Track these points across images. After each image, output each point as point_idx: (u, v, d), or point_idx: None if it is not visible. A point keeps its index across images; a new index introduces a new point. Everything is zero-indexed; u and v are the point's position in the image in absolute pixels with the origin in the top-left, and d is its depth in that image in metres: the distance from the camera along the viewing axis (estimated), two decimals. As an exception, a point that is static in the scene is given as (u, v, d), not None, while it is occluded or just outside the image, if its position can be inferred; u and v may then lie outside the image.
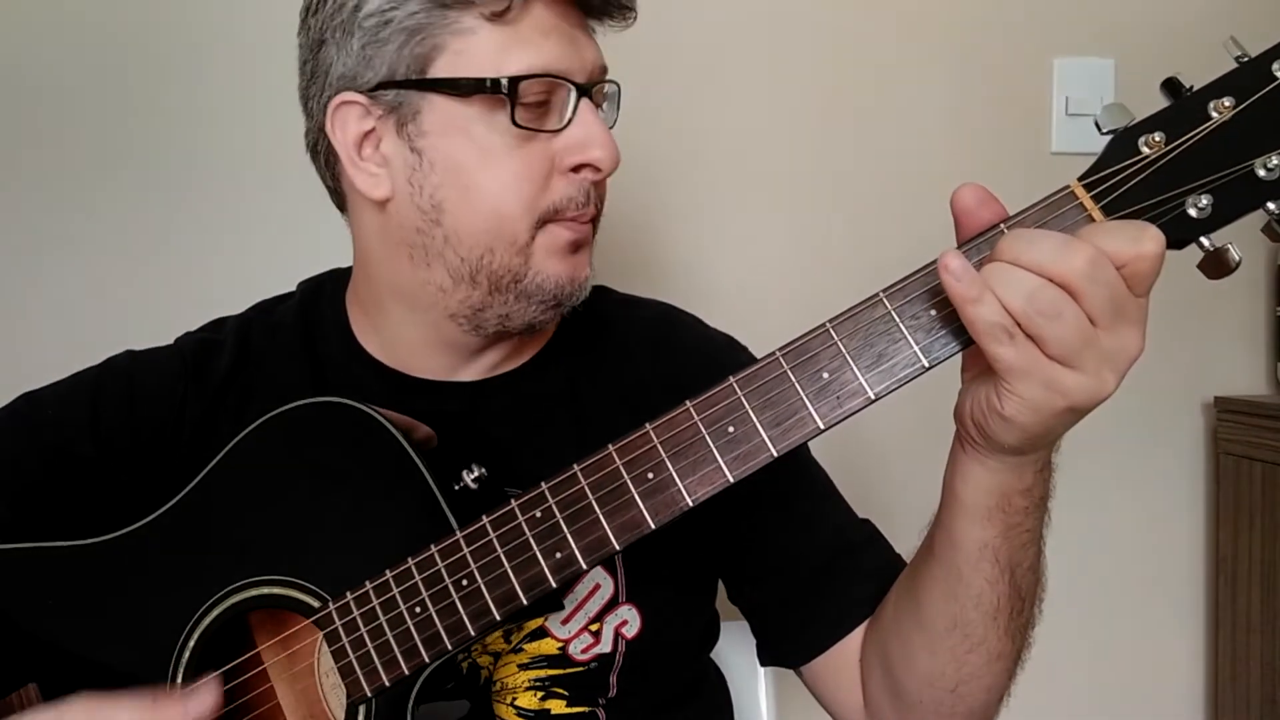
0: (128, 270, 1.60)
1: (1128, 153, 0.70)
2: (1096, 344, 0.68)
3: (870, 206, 1.75)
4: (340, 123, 0.95)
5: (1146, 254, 0.67)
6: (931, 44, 1.76)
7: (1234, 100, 0.68)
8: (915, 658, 0.92)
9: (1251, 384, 1.88)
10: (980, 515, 0.81)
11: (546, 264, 0.95)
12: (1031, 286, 0.67)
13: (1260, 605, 1.75)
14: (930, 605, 0.89)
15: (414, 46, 0.90)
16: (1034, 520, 0.83)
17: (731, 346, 1.13)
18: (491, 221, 0.92)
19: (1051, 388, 0.69)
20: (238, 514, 0.92)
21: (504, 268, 0.94)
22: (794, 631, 1.05)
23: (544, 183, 0.93)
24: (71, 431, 1.02)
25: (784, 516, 1.04)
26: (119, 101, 1.59)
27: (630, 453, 0.79)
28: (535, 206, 0.93)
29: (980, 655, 0.88)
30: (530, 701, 1.00)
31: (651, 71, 1.64)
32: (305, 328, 1.07)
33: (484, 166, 0.92)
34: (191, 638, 0.91)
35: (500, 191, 0.92)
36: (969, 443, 0.79)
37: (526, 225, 0.93)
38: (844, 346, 0.74)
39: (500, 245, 0.93)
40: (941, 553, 0.86)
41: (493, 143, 0.92)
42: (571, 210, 0.94)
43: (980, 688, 0.91)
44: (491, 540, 0.83)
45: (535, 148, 0.92)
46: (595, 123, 0.93)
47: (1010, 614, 0.87)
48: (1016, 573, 0.85)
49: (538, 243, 0.94)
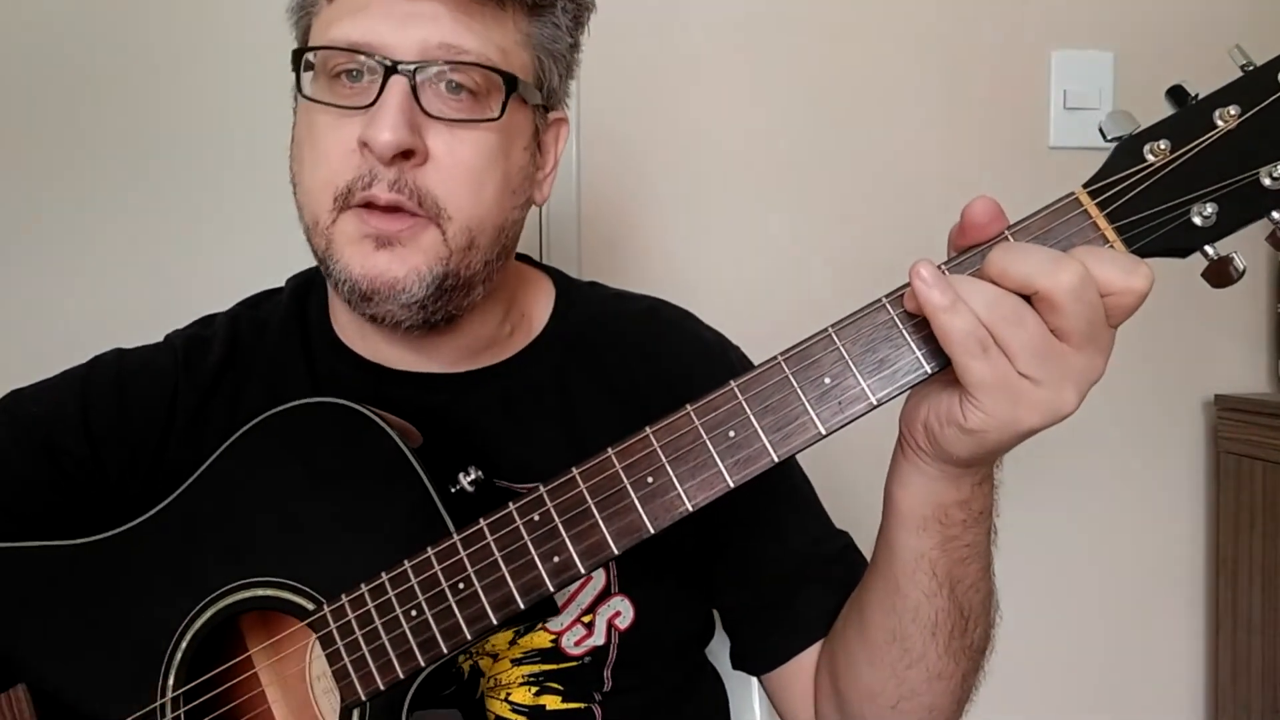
0: (114, 269, 1.59)
1: (1133, 160, 0.70)
2: (1064, 359, 0.69)
3: (865, 201, 1.75)
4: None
5: (1136, 289, 0.68)
6: (927, 36, 1.75)
7: (1239, 109, 0.68)
8: (857, 671, 0.92)
9: (1252, 382, 1.88)
10: (916, 524, 0.82)
11: (344, 252, 0.91)
12: (992, 294, 0.68)
13: (1261, 605, 1.75)
14: (871, 617, 0.89)
15: (298, 29, 0.97)
16: (973, 534, 0.83)
17: (721, 345, 1.12)
18: (305, 196, 0.93)
19: (1019, 403, 0.70)
20: (231, 515, 0.92)
21: (319, 249, 0.93)
22: (758, 639, 1.05)
23: (343, 160, 0.90)
24: (61, 429, 1.01)
25: (758, 523, 1.04)
26: (103, 100, 1.58)
27: (630, 456, 0.79)
28: (329, 184, 0.90)
29: (919, 672, 0.88)
30: (525, 697, 1.00)
31: (644, 64, 1.64)
32: (295, 323, 1.07)
33: (307, 138, 0.93)
34: (183, 640, 0.91)
35: (313, 164, 0.92)
36: (912, 448, 0.79)
37: (326, 206, 0.91)
38: (846, 351, 0.74)
39: (312, 223, 0.93)
40: (881, 563, 0.86)
41: (314, 115, 0.92)
42: (358, 190, 0.89)
43: (920, 706, 0.91)
44: (489, 544, 0.82)
45: (344, 124, 0.90)
46: (386, 102, 0.87)
47: (951, 632, 0.86)
48: (957, 589, 0.85)
49: (337, 228, 0.91)
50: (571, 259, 1.68)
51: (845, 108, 1.74)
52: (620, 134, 1.68)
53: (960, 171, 1.74)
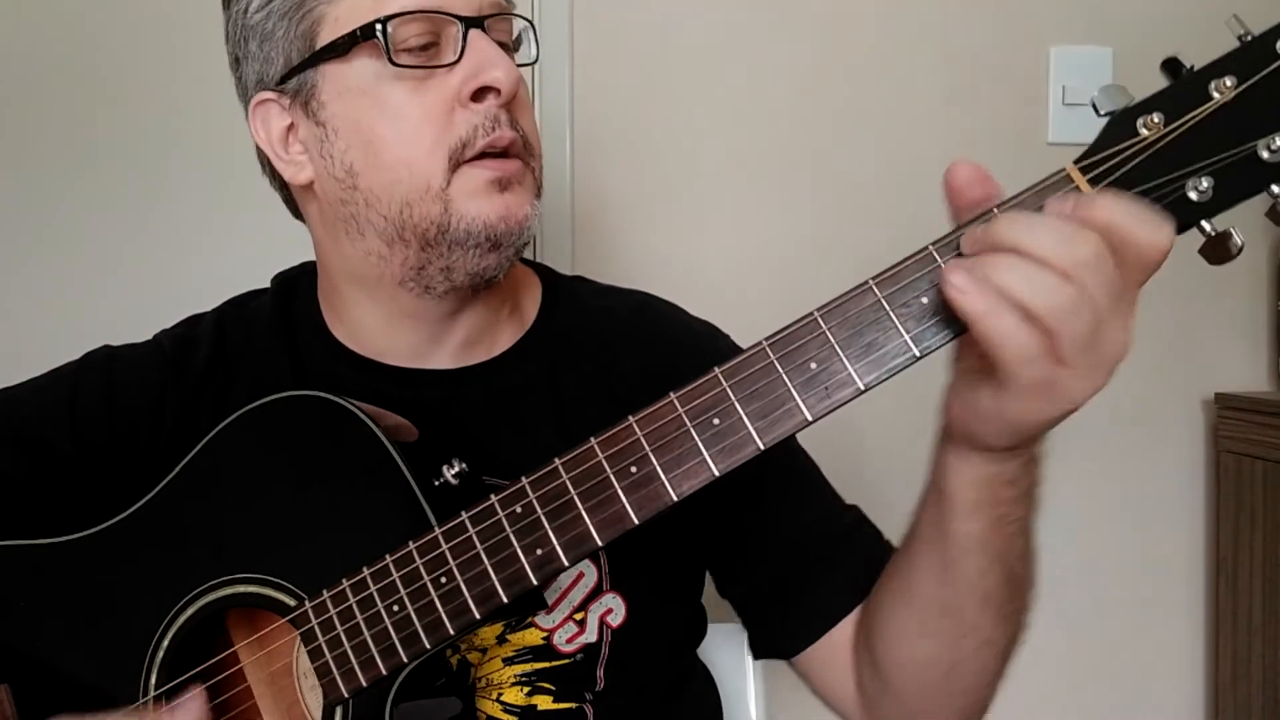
0: (102, 268, 1.59)
1: (1126, 134, 0.68)
2: (1100, 337, 0.66)
3: (862, 197, 1.73)
4: (261, 122, 0.97)
5: (1162, 244, 0.65)
6: (925, 30, 1.74)
7: (1236, 80, 0.66)
8: (908, 643, 0.91)
9: (1252, 380, 1.87)
10: (967, 509, 0.80)
11: (469, 206, 0.91)
12: (1049, 283, 0.64)
13: (1262, 606, 1.74)
14: (922, 591, 0.88)
15: (297, 26, 0.92)
16: (1023, 509, 0.82)
17: (712, 335, 1.11)
18: (401, 172, 0.91)
19: (1060, 394, 0.68)
20: (213, 510, 0.91)
21: (425, 219, 0.92)
22: (784, 621, 1.03)
23: (446, 120, 0.91)
24: (49, 428, 1.01)
25: (770, 504, 1.03)
26: (91, 98, 1.58)
27: (613, 446, 0.77)
28: (441, 145, 0.91)
29: (972, 640, 0.88)
30: (516, 697, 0.99)
31: (639, 59, 1.63)
32: (281, 321, 1.06)
33: (381, 118, 0.91)
34: (166, 637, 0.90)
35: (402, 139, 0.91)
36: (953, 439, 0.78)
37: (439, 169, 0.91)
38: (832, 336, 0.72)
39: (416, 196, 0.91)
40: (931, 542, 0.85)
41: (384, 92, 0.91)
42: (480, 138, 0.91)
43: (971, 672, 0.90)
44: (471, 537, 0.81)
45: (432, 88, 0.91)
46: (488, 47, 0.91)
47: (1002, 601, 0.85)
48: (1007, 561, 0.84)
49: (455, 187, 0.91)
50: (565, 256, 1.68)
51: (842, 103, 1.73)
52: (615, 130, 1.67)
53: (959, 167, 1.73)
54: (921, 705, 0.94)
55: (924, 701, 0.93)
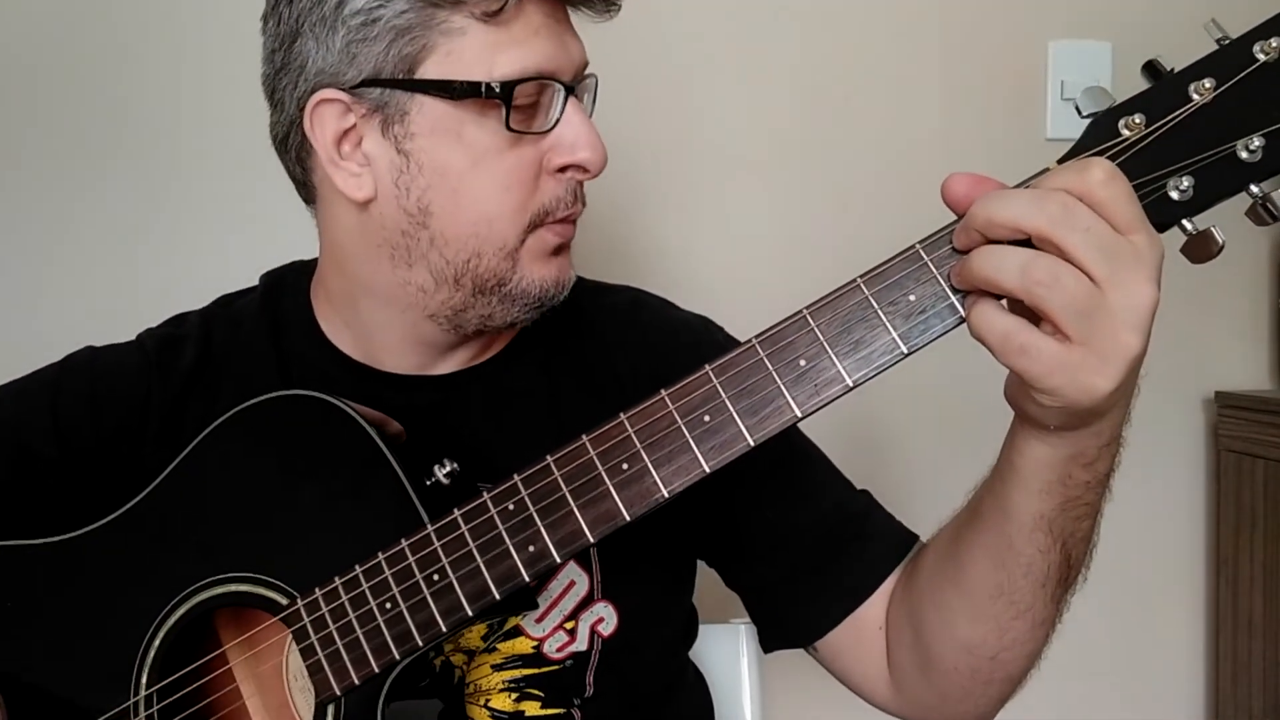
0: (88, 266, 1.58)
1: (1107, 135, 0.69)
2: (1104, 304, 0.65)
3: (860, 193, 1.73)
4: (319, 120, 0.92)
5: (1095, 180, 0.65)
6: (923, 25, 1.74)
7: (1215, 82, 0.67)
8: (954, 625, 0.90)
9: (1253, 378, 1.86)
10: (1038, 488, 0.79)
11: (533, 268, 0.94)
12: (1023, 259, 0.66)
13: (1262, 606, 1.73)
14: (975, 572, 0.87)
15: (402, 46, 0.88)
16: (1094, 494, 0.81)
17: (706, 326, 1.11)
18: (481, 226, 0.91)
19: (1078, 377, 0.67)
20: (204, 510, 0.91)
21: (490, 271, 0.92)
22: (804, 607, 1.02)
23: (533, 185, 0.92)
24: (32, 431, 1.00)
25: (782, 489, 1.02)
26: (78, 96, 1.57)
27: (604, 443, 0.78)
28: (525, 210, 0.92)
29: (1025, 622, 0.87)
30: (504, 703, 0.98)
31: (638, 57, 1.63)
32: (269, 321, 1.06)
33: (474, 170, 0.90)
34: (156, 637, 0.90)
35: (491, 195, 0.91)
36: (1019, 419, 0.77)
37: (517, 229, 0.92)
38: (821, 333, 0.73)
39: (488, 249, 0.92)
40: (991, 521, 0.84)
41: (484, 145, 0.90)
42: (561, 211, 0.93)
43: (1021, 654, 0.90)
44: (463, 533, 0.82)
45: (524, 149, 0.91)
46: (583, 123, 0.92)
47: (1058, 581, 0.85)
48: (1069, 542, 0.83)
49: (526, 246, 0.93)
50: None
51: (841, 98, 1.73)
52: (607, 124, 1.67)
53: (957, 162, 1.69)
54: (965, 686, 0.93)
55: (966, 683, 0.92)
